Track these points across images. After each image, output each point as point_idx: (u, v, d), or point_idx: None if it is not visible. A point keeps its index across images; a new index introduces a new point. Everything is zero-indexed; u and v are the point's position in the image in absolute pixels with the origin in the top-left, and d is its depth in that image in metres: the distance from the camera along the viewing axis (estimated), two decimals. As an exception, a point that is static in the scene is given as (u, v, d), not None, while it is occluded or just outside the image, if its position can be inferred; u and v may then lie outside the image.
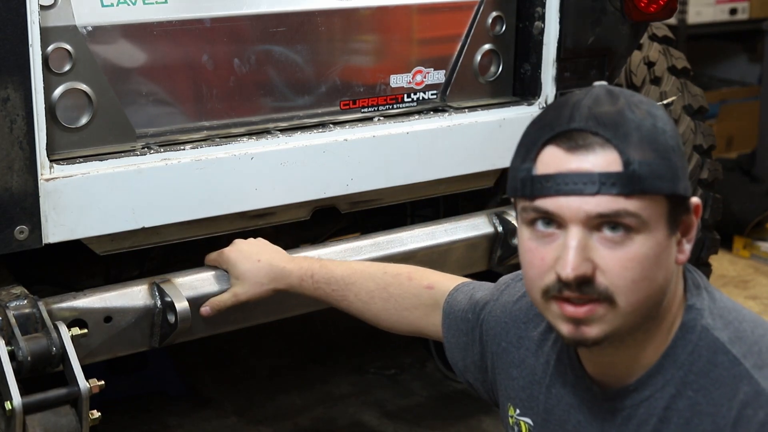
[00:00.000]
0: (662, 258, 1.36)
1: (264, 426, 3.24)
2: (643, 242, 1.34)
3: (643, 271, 1.34)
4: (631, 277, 1.34)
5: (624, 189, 1.32)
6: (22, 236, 1.92)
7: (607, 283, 1.34)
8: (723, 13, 5.60)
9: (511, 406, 1.63)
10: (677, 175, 1.35)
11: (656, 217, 1.34)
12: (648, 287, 1.35)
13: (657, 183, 1.33)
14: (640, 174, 1.32)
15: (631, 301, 1.35)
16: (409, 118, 2.50)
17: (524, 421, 1.60)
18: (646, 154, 1.33)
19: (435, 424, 3.26)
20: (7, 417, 1.80)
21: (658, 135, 1.35)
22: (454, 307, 1.80)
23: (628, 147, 1.33)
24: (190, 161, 2.14)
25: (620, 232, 1.33)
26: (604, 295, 1.35)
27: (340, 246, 2.38)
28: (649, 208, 1.33)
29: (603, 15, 2.60)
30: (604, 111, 1.35)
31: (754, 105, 5.50)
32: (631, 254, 1.33)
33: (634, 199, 1.32)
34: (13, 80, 1.85)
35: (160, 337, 2.12)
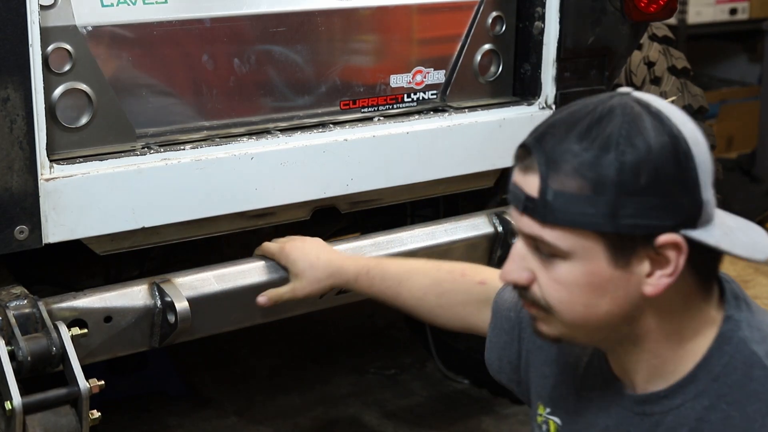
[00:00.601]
0: (605, 288, 1.34)
1: (264, 426, 3.24)
2: (570, 270, 1.34)
3: (572, 296, 1.35)
4: (559, 297, 1.36)
5: (538, 216, 1.33)
6: (22, 236, 1.92)
7: (542, 296, 1.38)
8: (723, 13, 5.60)
9: (541, 405, 1.63)
10: (615, 213, 1.29)
11: (585, 250, 1.32)
12: (585, 311, 1.36)
13: (577, 218, 1.30)
14: (554, 206, 1.31)
15: (568, 318, 1.37)
16: (409, 118, 2.50)
17: (553, 420, 1.59)
18: (571, 185, 1.30)
19: (435, 424, 3.26)
20: (7, 417, 1.80)
21: (602, 164, 1.28)
22: (501, 306, 1.79)
23: (553, 175, 1.31)
24: (190, 161, 2.14)
25: (547, 254, 1.35)
26: (540, 303, 1.39)
27: (340, 246, 2.37)
28: (569, 239, 1.32)
29: (603, 15, 2.60)
30: (556, 132, 1.33)
31: (754, 105, 5.50)
32: (555, 277, 1.35)
33: (549, 228, 1.32)
34: (13, 80, 1.85)
35: (160, 337, 2.12)
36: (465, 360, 3.42)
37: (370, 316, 3.91)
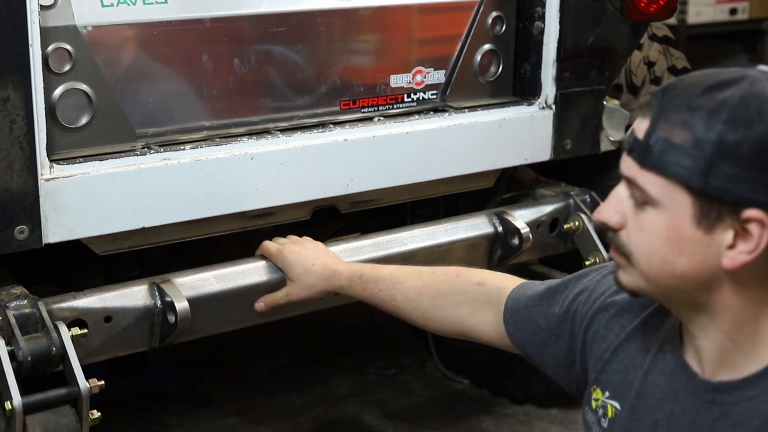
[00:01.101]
0: (683, 246, 1.36)
1: (264, 426, 3.24)
2: (655, 218, 1.37)
3: (652, 246, 1.38)
4: (640, 245, 1.40)
5: (637, 158, 1.37)
6: (22, 236, 1.92)
7: (625, 242, 1.41)
8: (723, 13, 5.60)
9: (598, 389, 1.60)
10: (707, 172, 1.31)
11: (672, 202, 1.35)
12: (661, 265, 1.38)
13: (670, 166, 1.33)
14: (653, 150, 1.34)
15: (645, 269, 1.40)
16: (409, 118, 2.50)
17: (612, 404, 1.57)
18: (676, 135, 1.33)
19: (435, 424, 3.26)
20: (7, 417, 1.80)
21: (709, 123, 1.31)
22: (522, 305, 1.79)
23: (663, 122, 1.34)
24: (190, 161, 2.14)
25: (639, 199, 1.39)
26: (623, 249, 1.42)
27: (340, 246, 2.37)
28: (660, 187, 1.35)
29: (603, 15, 2.60)
30: (680, 85, 1.37)
31: (754, 105, 5.49)
32: (642, 224, 1.39)
33: (645, 171, 1.36)
34: (13, 80, 1.85)
35: (160, 337, 2.12)
36: (465, 360, 3.42)
37: (370, 316, 3.91)
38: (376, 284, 2.03)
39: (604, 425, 1.57)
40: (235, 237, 2.60)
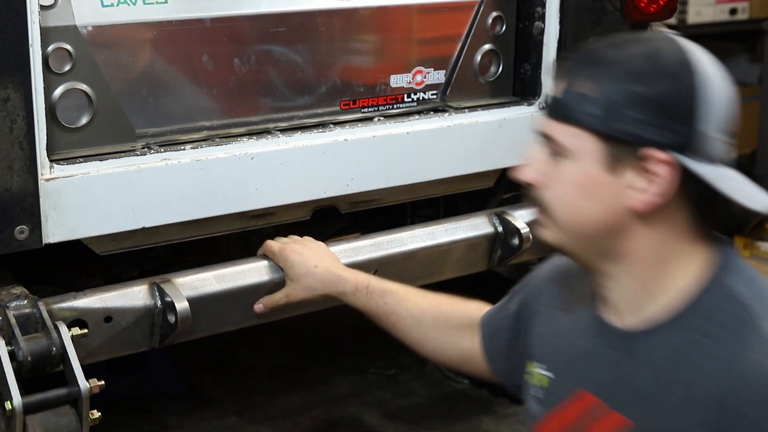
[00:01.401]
0: (594, 192, 1.44)
1: (264, 426, 3.24)
2: (569, 168, 1.45)
3: (567, 195, 1.47)
4: (556, 194, 1.48)
5: (552, 113, 1.47)
6: (22, 236, 1.92)
7: (546, 196, 1.50)
8: (723, 13, 5.60)
9: (533, 363, 1.66)
10: (616, 117, 1.40)
11: (582, 150, 1.43)
12: (575, 212, 1.47)
13: (579, 116, 1.43)
14: (565, 103, 1.44)
15: (562, 219, 1.49)
16: (409, 118, 2.50)
17: (545, 375, 1.63)
18: (587, 87, 1.42)
19: (435, 424, 3.26)
20: (7, 417, 1.80)
21: (614, 75, 1.41)
22: (491, 314, 1.85)
23: (575, 78, 1.45)
24: (190, 161, 2.14)
25: (554, 153, 1.47)
26: (543, 205, 1.50)
27: (340, 246, 2.37)
28: (571, 137, 1.44)
29: (603, 15, 2.60)
30: (596, 47, 1.49)
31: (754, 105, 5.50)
32: (559, 176, 1.47)
33: (559, 124, 1.46)
34: (13, 80, 1.85)
35: (160, 337, 2.11)
36: (465, 360, 3.42)
37: (370, 316, 3.91)
38: (382, 297, 2.00)
39: (539, 395, 1.63)
40: (235, 237, 2.60)
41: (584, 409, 1.53)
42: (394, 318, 1.98)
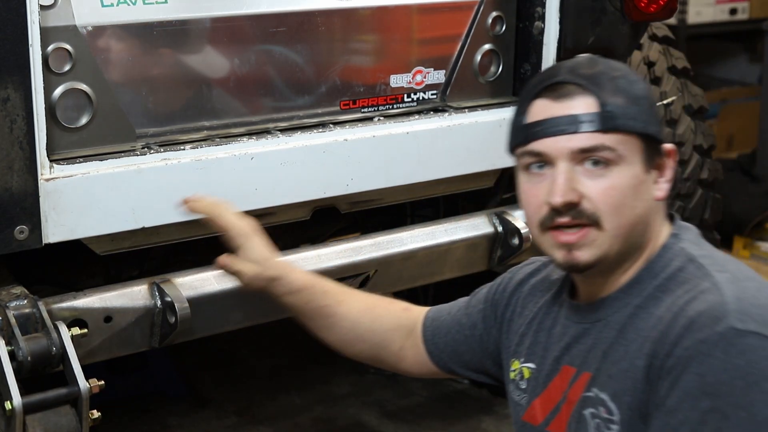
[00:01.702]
0: (640, 190, 1.57)
1: (264, 426, 3.24)
2: (621, 173, 1.55)
3: (623, 198, 1.55)
4: (612, 202, 1.55)
5: (601, 126, 1.55)
6: (22, 236, 1.92)
7: (593, 209, 1.55)
8: (723, 13, 5.60)
9: (515, 360, 1.77)
10: (648, 119, 1.58)
11: (631, 153, 1.56)
12: (629, 213, 1.56)
13: (629, 122, 1.55)
14: (615, 113, 1.55)
15: (615, 224, 1.56)
16: (409, 118, 2.50)
17: (527, 366, 1.74)
18: (618, 99, 1.56)
19: (435, 424, 3.26)
20: (7, 417, 1.80)
21: (629, 85, 1.58)
22: (445, 312, 1.95)
23: (603, 93, 1.56)
24: (190, 161, 2.14)
25: (601, 165, 1.55)
26: (592, 218, 1.55)
27: (340, 246, 2.38)
28: (623, 143, 1.55)
29: (603, 15, 2.60)
30: (583, 68, 1.60)
31: (754, 105, 5.50)
32: (610, 183, 1.55)
33: (610, 134, 1.55)
34: (13, 80, 1.85)
35: (160, 337, 2.12)
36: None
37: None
38: (323, 298, 2.00)
39: (522, 387, 1.74)
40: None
41: (565, 381, 1.64)
42: (330, 321, 2.00)
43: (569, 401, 1.62)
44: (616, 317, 1.58)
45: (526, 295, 1.81)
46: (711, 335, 1.41)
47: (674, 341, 1.45)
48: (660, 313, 1.52)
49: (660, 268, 1.58)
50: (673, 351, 1.44)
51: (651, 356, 1.48)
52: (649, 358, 1.48)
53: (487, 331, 1.87)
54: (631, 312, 1.57)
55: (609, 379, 1.54)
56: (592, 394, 1.57)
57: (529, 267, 1.87)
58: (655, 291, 1.56)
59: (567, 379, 1.64)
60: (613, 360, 1.55)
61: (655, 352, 1.48)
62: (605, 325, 1.60)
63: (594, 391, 1.57)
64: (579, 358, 1.62)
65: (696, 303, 1.47)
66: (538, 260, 1.87)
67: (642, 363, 1.49)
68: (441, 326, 1.94)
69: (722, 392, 1.39)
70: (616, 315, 1.59)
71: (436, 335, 1.94)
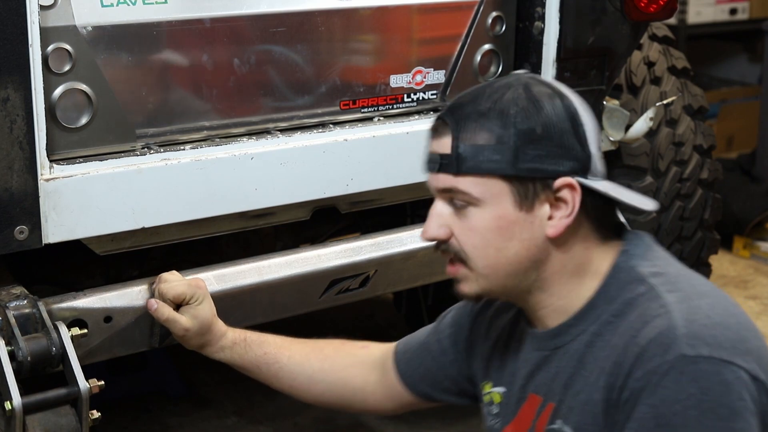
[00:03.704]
0: (512, 231, 1.52)
1: (264, 426, 3.24)
2: (482, 216, 1.52)
3: (484, 240, 1.53)
4: (473, 243, 1.54)
5: (452, 169, 1.53)
6: (22, 236, 1.92)
7: (459, 247, 1.55)
8: (723, 13, 5.60)
9: (487, 383, 1.75)
10: (516, 159, 1.49)
11: (492, 195, 1.51)
12: (497, 255, 1.53)
13: (483, 165, 1.50)
14: (465, 156, 1.51)
15: (482, 264, 1.54)
16: (409, 118, 2.50)
17: (497, 391, 1.72)
18: (477, 138, 1.51)
19: (435, 424, 3.26)
20: (7, 417, 1.80)
21: (501, 121, 1.50)
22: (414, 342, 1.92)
23: (462, 132, 1.52)
24: (190, 161, 2.14)
25: (461, 205, 1.53)
26: (459, 256, 1.56)
27: (340, 246, 2.38)
28: (479, 186, 1.51)
29: (603, 15, 2.60)
30: (464, 99, 1.56)
31: (754, 105, 5.50)
32: (470, 225, 1.53)
33: (462, 177, 1.52)
34: (13, 80, 1.85)
35: (160, 337, 2.12)
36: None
37: (370, 316, 3.91)
38: (260, 347, 1.98)
39: (494, 411, 1.72)
40: (235, 237, 2.61)
41: (532, 409, 1.61)
42: (275, 368, 1.97)
43: (537, 431, 1.59)
44: (575, 345, 1.55)
45: (491, 317, 1.78)
46: (661, 364, 1.37)
47: (627, 372, 1.42)
48: (615, 341, 1.48)
49: (613, 290, 1.53)
50: (627, 383, 1.41)
51: (607, 389, 1.45)
52: (605, 391, 1.45)
53: (458, 355, 1.84)
54: (588, 340, 1.53)
55: (570, 411, 1.52)
56: (556, 426, 1.54)
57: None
58: (610, 316, 1.52)
59: (534, 408, 1.61)
60: (573, 391, 1.52)
61: (611, 385, 1.45)
62: (565, 353, 1.56)
63: (558, 423, 1.54)
64: (544, 387, 1.59)
65: (646, 330, 1.42)
66: None
67: (600, 396, 1.46)
68: (413, 357, 1.90)
69: (676, 423, 1.35)
70: (574, 343, 1.55)
71: (410, 366, 1.90)
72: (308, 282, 2.32)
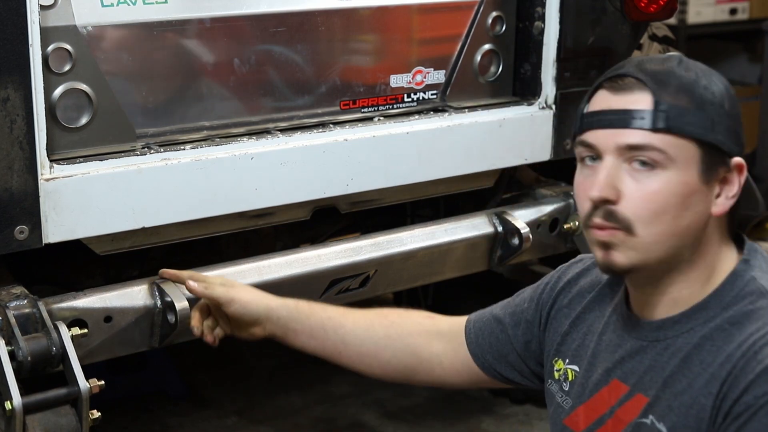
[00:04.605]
0: (690, 200, 1.48)
1: (264, 426, 3.24)
2: (668, 179, 1.47)
3: (665, 206, 1.47)
4: (652, 208, 1.47)
5: (652, 125, 1.47)
6: (22, 236, 1.92)
7: (629, 213, 1.48)
8: (723, 13, 5.60)
9: (559, 360, 1.72)
10: (712, 128, 1.48)
11: (684, 159, 1.47)
12: (670, 223, 1.48)
13: (686, 126, 1.47)
14: (669, 114, 1.47)
15: (650, 232, 1.48)
16: (409, 118, 2.50)
17: (571, 368, 1.69)
18: (679, 100, 1.47)
19: (435, 424, 3.26)
20: (7, 417, 1.80)
21: (698, 89, 1.49)
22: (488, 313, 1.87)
23: (662, 91, 1.48)
24: (190, 161, 2.14)
25: (648, 166, 1.47)
26: (624, 224, 1.48)
27: (340, 246, 2.38)
28: (675, 147, 1.46)
29: (603, 15, 2.60)
30: (652, 63, 1.53)
31: (754, 105, 5.50)
32: (654, 187, 1.47)
33: (661, 134, 1.46)
34: (13, 80, 1.85)
35: (160, 337, 2.12)
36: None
37: (370, 316, 3.91)
38: (324, 311, 1.90)
39: (565, 389, 1.69)
40: (235, 237, 2.60)
41: (613, 396, 1.58)
42: (342, 331, 1.88)
43: (618, 419, 1.57)
44: (679, 343, 1.52)
45: (574, 296, 1.75)
46: None
47: (745, 387, 1.40)
48: (730, 350, 1.45)
49: (730, 297, 1.50)
50: (743, 397, 1.40)
51: (719, 398, 1.43)
52: (716, 399, 1.43)
53: (530, 330, 1.80)
54: (697, 342, 1.50)
55: (669, 410, 1.49)
56: (648, 421, 1.51)
57: (578, 266, 1.80)
58: (724, 323, 1.48)
59: (617, 395, 1.58)
60: (674, 390, 1.49)
61: (724, 395, 1.42)
62: (665, 347, 1.53)
63: (650, 418, 1.51)
64: (633, 377, 1.56)
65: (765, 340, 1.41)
66: (588, 258, 1.80)
67: (708, 403, 1.44)
68: (484, 327, 1.86)
69: None
70: (679, 340, 1.52)
71: (479, 336, 1.85)
72: (308, 282, 2.32)
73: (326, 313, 1.90)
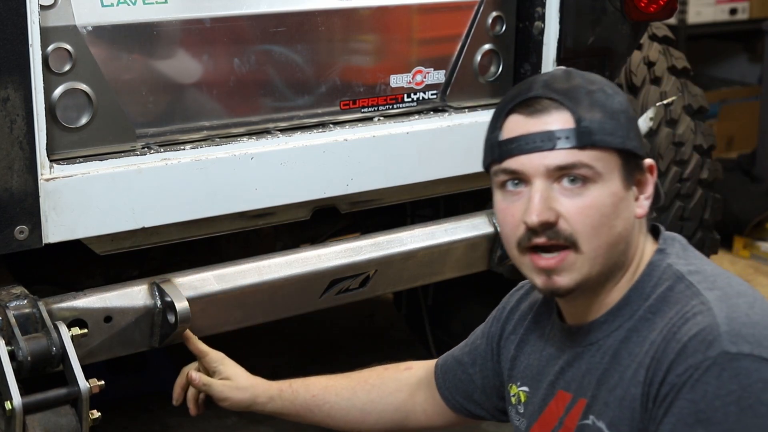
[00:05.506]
0: (620, 208, 1.52)
1: (264, 426, 3.24)
2: (599, 191, 1.50)
3: (601, 218, 1.50)
4: (590, 222, 1.50)
5: (577, 142, 1.49)
6: (22, 236, 1.92)
7: (570, 229, 1.50)
8: (723, 13, 5.60)
9: (512, 385, 1.75)
10: (626, 134, 1.52)
11: (609, 170, 1.50)
12: (608, 233, 1.51)
13: (606, 138, 1.50)
14: (591, 129, 1.50)
15: (594, 245, 1.50)
16: (409, 118, 2.50)
17: (523, 390, 1.72)
18: (595, 114, 1.50)
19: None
20: (7, 417, 1.80)
21: (606, 99, 1.52)
22: (450, 357, 1.93)
23: (578, 108, 1.50)
24: (190, 161, 2.14)
25: (578, 183, 1.50)
26: (570, 240, 1.50)
27: (340, 246, 2.38)
28: (600, 160, 1.50)
29: (603, 15, 2.60)
30: (558, 82, 1.54)
31: (754, 105, 5.50)
32: (588, 202, 1.50)
33: (587, 151, 1.49)
34: (13, 80, 1.85)
35: (160, 337, 2.12)
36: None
37: (370, 316, 3.90)
38: (307, 390, 2.00)
39: (521, 411, 1.72)
40: (235, 237, 2.61)
41: (560, 406, 1.61)
42: (326, 407, 1.98)
43: (566, 427, 1.60)
44: (610, 341, 1.55)
45: (517, 321, 1.79)
46: (703, 360, 1.38)
47: (667, 367, 1.42)
48: (653, 337, 1.48)
49: (649, 288, 1.54)
50: (666, 378, 1.42)
51: (646, 384, 1.46)
52: (644, 386, 1.46)
53: (486, 365, 1.85)
54: (623, 336, 1.54)
55: (605, 407, 1.52)
56: (589, 421, 1.54)
57: (519, 293, 1.84)
58: (646, 313, 1.53)
59: (563, 405, 1.61)
60: (608, 387, 1.53)
61: (650, 380, 1.45)
62: (598, 349, 1.57)
63: (591, 418, 1.54)
64: (574, 384, 1.59)
65: (687, 326, 1.44)
66: (526, 283, 1.82)
67: (638, 391, 1.47)
68: (449, 370, 1.92)
69: (715, 419, 1.36)
70: (609, 339, 1.55)
71: (446, 380, 1.91)
72: (308, 282, 2.32)
73: (309, 392, 2.00)
